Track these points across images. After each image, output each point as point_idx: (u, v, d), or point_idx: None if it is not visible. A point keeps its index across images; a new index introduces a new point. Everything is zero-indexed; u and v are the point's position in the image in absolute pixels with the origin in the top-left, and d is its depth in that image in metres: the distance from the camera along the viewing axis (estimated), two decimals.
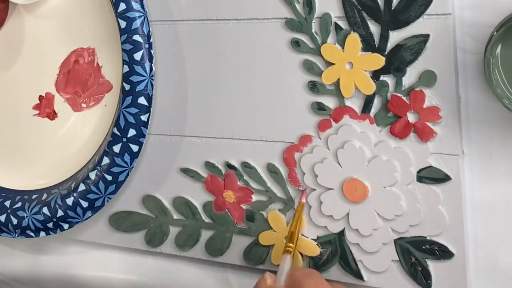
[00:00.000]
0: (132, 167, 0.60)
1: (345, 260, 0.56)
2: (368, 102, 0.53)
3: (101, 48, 0.64)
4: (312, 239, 0.57)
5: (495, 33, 0.44)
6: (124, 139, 0.59)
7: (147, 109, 0.58)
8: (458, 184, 0.51)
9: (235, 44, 0.57)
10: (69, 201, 0.63)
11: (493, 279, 0.52)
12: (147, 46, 0.57)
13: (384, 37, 0.51)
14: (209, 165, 0.61)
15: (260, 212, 0.59)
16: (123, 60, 0.58)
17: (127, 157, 0.60)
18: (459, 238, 0.51)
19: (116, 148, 0.60)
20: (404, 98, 0.51)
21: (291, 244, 0.54)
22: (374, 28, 0.51)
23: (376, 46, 0.51)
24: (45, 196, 0.65)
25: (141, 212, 0.65)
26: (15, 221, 0.66)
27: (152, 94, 0.58)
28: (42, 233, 0.65)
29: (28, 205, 0.65)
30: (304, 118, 0.55)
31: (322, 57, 0.53)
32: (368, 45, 0.51)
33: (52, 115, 0.67)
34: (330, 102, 0.54)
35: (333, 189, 0.55)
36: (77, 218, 0.63)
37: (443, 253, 0.52)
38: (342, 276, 0.57)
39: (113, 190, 0.61)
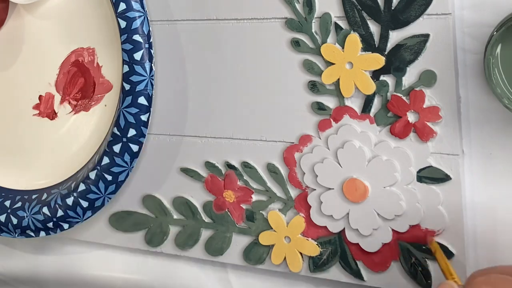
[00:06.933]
0: (132, 167, 0.60)
1: (345, 260, 0.56)
2: (368, 102, 0.52)
3: (101, 48, 0.64)
4: (312, 239, 0.57)
5: (495, 33, 0.44)
6: (124, 139, 0.59)
7: (147, 109, 0.58)
8: (458, 184, 0.51)
9: (235, 44, 0.57)
10: (69, 201, 0.63)
11: None
12: (147, 46, 0.57)
13: (384, 37, 0.51)
14: (209, 165, 0.61)
15: (260, 212, 0.59)
16: (123, 60, 0.58)
17: (127, 157, 0.60)
18: (459, 238, 0.51)
19: (116, 148, 0.60)
20: (404, 98, 0.51)
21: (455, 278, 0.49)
22: (374, 28, 0.51)
23: (376, 46, 0.51)
24: (45, 196, 0.65)
25: (141, 212, 0.65)
26: (15, 221, 0.66)
27: (152, 94, 0.58)
28: (42, 233, 0.65)
29: (28, 205, 0.65)
30: (304, 118, 0.55)
31: (322, 57, 0.53)
32: (368, 45, 0.51)
33: (52, 115, 0.67)
34: (330, 102, 0.54)
35: (333, 189, 0.55)
36: (77, 218, 0.63)
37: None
38: (342, 276, 0.57)
39: (113, 190, 0.61)
